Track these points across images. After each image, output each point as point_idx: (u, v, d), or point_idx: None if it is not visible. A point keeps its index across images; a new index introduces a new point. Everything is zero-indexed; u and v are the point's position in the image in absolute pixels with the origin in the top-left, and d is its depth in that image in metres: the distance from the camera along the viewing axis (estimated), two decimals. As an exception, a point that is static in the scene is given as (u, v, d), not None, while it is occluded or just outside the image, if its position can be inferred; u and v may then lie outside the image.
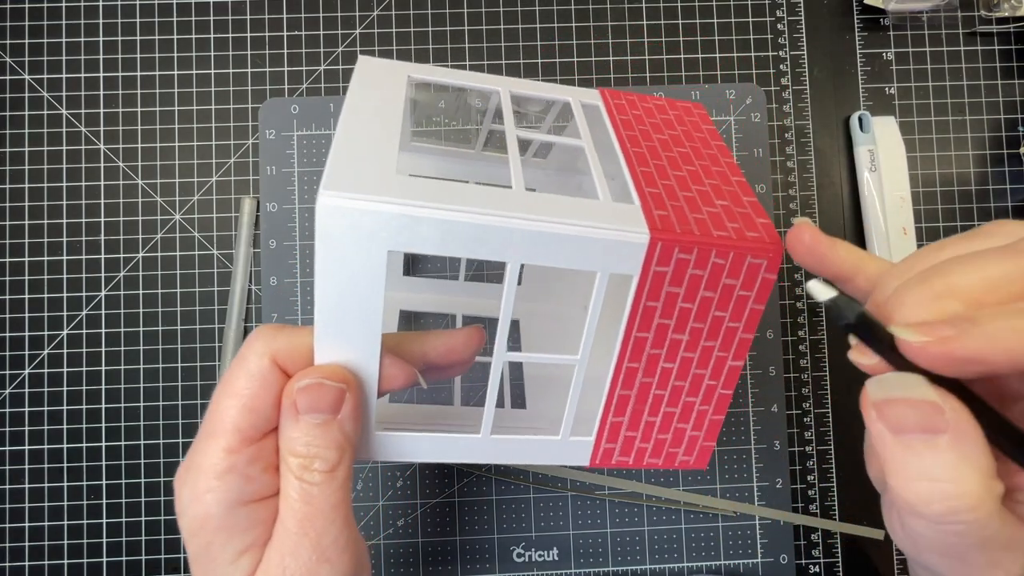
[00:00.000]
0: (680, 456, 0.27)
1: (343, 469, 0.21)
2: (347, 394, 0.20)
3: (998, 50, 0.47)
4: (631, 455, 0.26)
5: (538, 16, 0.46)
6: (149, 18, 0.45)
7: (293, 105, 0.44)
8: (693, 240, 0.22)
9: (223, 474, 0.20)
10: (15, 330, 0.43)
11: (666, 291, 0.23)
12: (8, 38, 0.45)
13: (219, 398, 0.21)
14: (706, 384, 0.25)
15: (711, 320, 0.24)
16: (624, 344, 0.24)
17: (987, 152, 0.46)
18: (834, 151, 0.46)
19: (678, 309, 0.23)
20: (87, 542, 0.42)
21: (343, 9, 0.46)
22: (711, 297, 0.23)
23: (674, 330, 0.24)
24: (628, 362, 0.24)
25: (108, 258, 0.44)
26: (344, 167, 0.20)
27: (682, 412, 0.26)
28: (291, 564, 0.20)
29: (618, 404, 0.25)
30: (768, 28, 0.46)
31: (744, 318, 0.24)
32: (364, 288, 0.20)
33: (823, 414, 0.44)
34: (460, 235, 0.20)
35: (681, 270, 0.22)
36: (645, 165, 0.25)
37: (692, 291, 0.23)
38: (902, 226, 0.45)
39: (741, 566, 0.43)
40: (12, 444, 0.42)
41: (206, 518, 0.20)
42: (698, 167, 0.26)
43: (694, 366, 0.25)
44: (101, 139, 0.44)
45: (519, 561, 0.42)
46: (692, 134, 0.29)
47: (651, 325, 0.23)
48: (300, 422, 0.20)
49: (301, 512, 0.20)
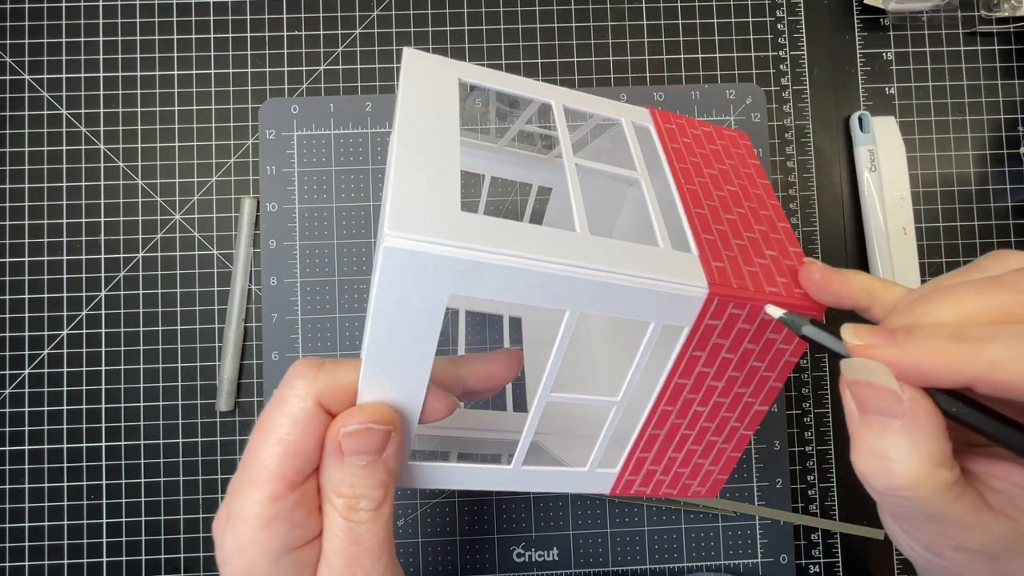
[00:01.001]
0: (694, 487, 0.28)
1: (387, 506, 0.20)
2: (392, 434, 0.20)
3: (998, 50, 0.47)
4: (650, 485, 0.27)
5: (538, 16, 0.46)
6: (149, 18, 0.45)
7: (293, 105, 0.44)
8: (748, 297, 0.22)
9: (268, 524, 0.19)
10: (15, 330, 0.43)
11: (713, 343, 0.23)
12: (8, 38, 0.45)
13: (259, 443, 0.20)
14: (731, 426, 0.26)
15: (748, 370, 0.24)
16: (664, 389, 0.24)
17: (987, 152, 0.46)
18: (834, 151, 0.46)
19: (720, 359, 0.24)
20: (87, 542, 0.42)
21: (343, 9, 0.46)
22: (752, 349, 0.24)
23: (713, 378, 0.24)
24: (664, 405, 0.25)
25: (108, 258, 0.44)
26: (408, 204, 0.19)
27: (704, 450, 0.27)
28: None
29: (647, 441, 0.26)
30: (768, 28, 0.46)
31: (778, 369, 0.25)
32: (419, 330, 0.20)
33: (823, 414, 0.44)
34: (522, 282, 0.20)
35: (731, 324, 0.23)
36: (700, 207, 0.25)
37: (737, 343, 0.23)
38: (902, 226, 0.45)
39: (741, 566, 0.43)
40: (12, 444, 0.42)
41: (252, 569, 0.19)
42: (747, 209, 0.26)
43: (724, 410, 0.26)
44: (101, 139, 0.44)
45: (519, 561, 0.42)
46: (739, 169, 0.29)
47: (692, 373, 0.24)
48: (345, 464, 0.20)
49: (348, 552, 0.20)
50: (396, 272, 0.19)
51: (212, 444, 0.43)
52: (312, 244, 0.44)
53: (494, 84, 0.27)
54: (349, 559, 0.20)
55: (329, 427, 0.20)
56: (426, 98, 0.24)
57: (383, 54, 0.45)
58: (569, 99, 0.28)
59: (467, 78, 0.26)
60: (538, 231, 0.20)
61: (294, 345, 0.43)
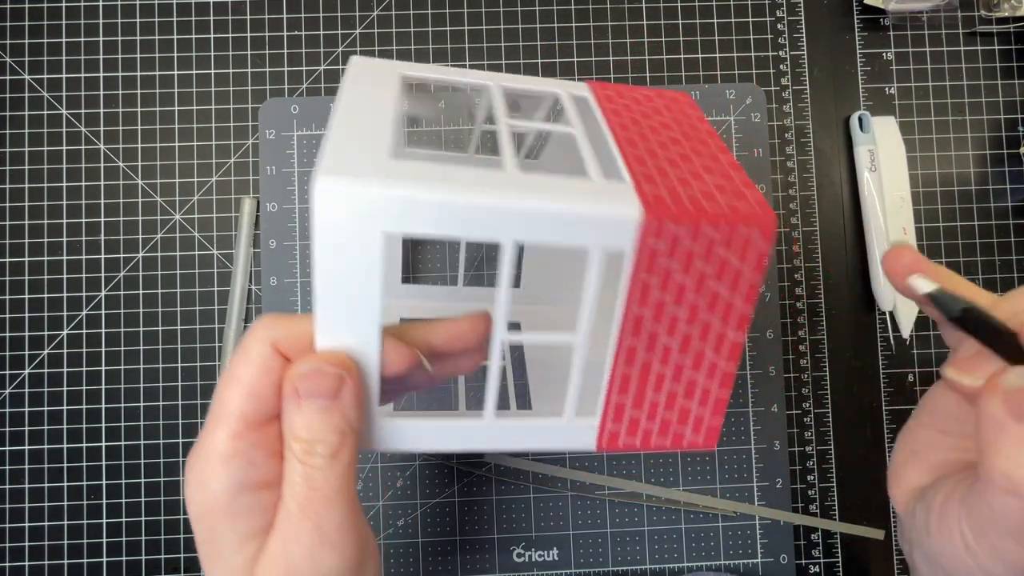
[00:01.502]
0: (688, 436, 0.26)
1: (345, 454, 0.21)
2: (347, 380, 0.21)
3: (998, 50, 0.47)
4: (637, 436, 0.26)
5: (538, 16, 0.46)
6: (149, 18, 0.45)
7: (293, 105, 0.44)
8: (684, 213, 0.22)
9: (228, 459, 0.20)
10: (15, 330, 0.43)
11: (662, 266, 0.23)
12: (8, 38, 0.45)
13: (223, 386, 0.21)
14: (708, 360, 0.25)
15: (709, 294, 0.24)
16: (623, 320, 0.24)
17: (987, 152, 0.46)
18: (834, 151, 0.46)
19: (675, 284, 0.23)
20: (87, 542, 0.42)
21: (343, 9, 0.46)
22: (707, 271, 0.23)
23: (673, 305, 0.24)
24: (629, 339, 0.24)
25: (108, 258, 0.44)
26: (340, 153, 0.20)
27: (686, 390, 0.25)
28: (294, 548, 0.20)
29: (621, 383, 0.25)
30: (768, 28, 0.46)
31: (741, 291, 0.24)
32: (362, 272, 0.21)
33: (823, 414, 0.44)
34: (454, 216, 0.20)
35: (675, 244, 0.23)
36: (635, 148, 0.25)
37: (687, 265, 0.23)
38: (902, 226, 0.45)
39: (741, 566, 0.43)
40: (12, 444, 0.42)
41: (212, 503, 0.20)
42: (688, 149, 0.26)
43: (695, 342, 0.25)
44: (101, 139, 0.44)
45: (519, 561, 0.42)
46: (681, 119, 0.29)
47: (649, 300, 0.24)
48: (302, 408, 0.20)
49: (303, 495, 0.20)
50: (330, 215, 0.20)
51: (212, 444, 0.43)
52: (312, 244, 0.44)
53: (433, 75, 0.28)
54: (304, 503, 0.20)
55: (286, 372, 0.21)
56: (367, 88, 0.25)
57: (383, 54, 0.45)
58: (507, 81, 0.28)
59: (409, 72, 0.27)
60: (469, 169, 0.21)
61: (294, 345, 0.43)
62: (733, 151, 0.45)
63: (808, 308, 0.45)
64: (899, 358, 0.45)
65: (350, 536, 0.21)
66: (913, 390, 0.45)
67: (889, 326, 0.45)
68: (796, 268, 0.45)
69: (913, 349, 0.45)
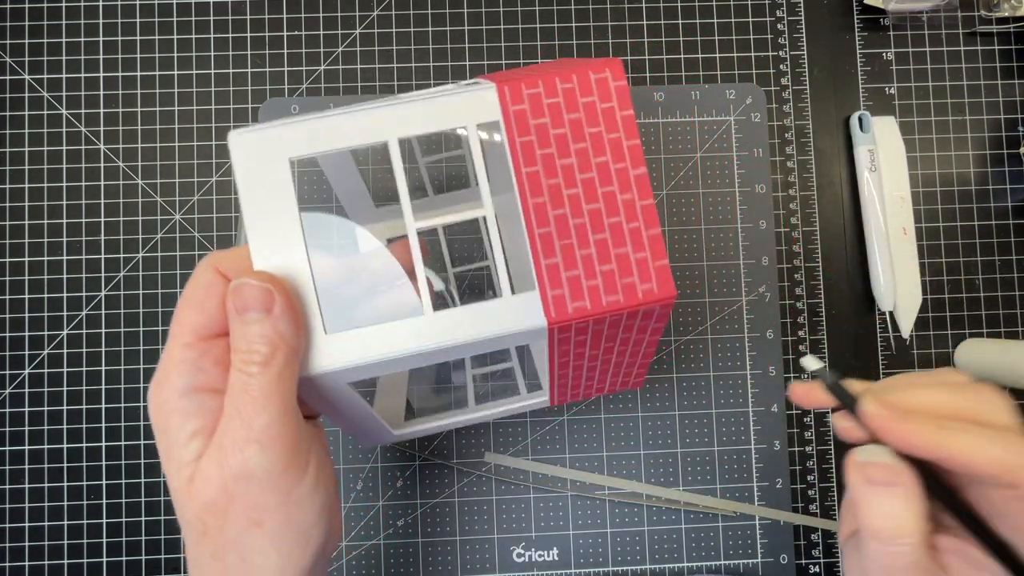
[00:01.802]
0: (639, 286, 0.25)
1: (277, 363, 0.23)
2: (275, 295, 0.23)
3: (998, 50, 0.47)
4: (585, 298, 0.25)
5: (538, 16, 0.46)
6: (149, 18, 0.45)
7: (293, 105, 0.44)
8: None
9: (178, 364, 0.23)
10: (15, 330, 0.43)
11: (533, 124, 0.25)
12: (8, 38, 0.45)
13: (178, 307, 0.24)
14: (621, 200, 0.26)
15: (590, 138, 0.25)
16: (519, 182, 0.25)
17: (987, 152, 0.46)
18: (834, 151, 0.46)
19: (553, 136, 0.25)
20: (87, 542, 0.42)
21: (343, 9, 0.46)
22: (577, 118, 0.25)
23: (559, 156, 0.25)
24: (532, 198, 0.25)
25: (108, 258, 0.44)
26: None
27: (613, 236, 0.25)
28: (226, 442, 0.22)
29: (544, 244, 0.25)
30: (768, 28, 0.46)
31: (620, 126, 0.26)
32: (279, 196, 0.24)
33: (823, 414, 0.44)
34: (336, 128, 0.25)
35: (537, 102, 0.25)
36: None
37: (556, 117, 0.25)
38: (902, 226, 0.45)
39: (741, 566, 0.43)
40: (12, 444, 0.42)
41: (164, 402, 0.23)
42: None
43: (599, 186, 0.25)
44: (101, 139, 0.44)
45: (519, 561, 0.42)
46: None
47: (535, 158, 0.25)
48: (238, 322, 0.23)
49: (237, 397, 0.23)
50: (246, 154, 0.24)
51: (212, 444, 0.43)
52: (312, 244, 0.44)
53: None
54: (238, 404, 0.23)
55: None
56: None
57: (383, 54, 0.45)
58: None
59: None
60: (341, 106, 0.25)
61: (294, 345, 0.43)
62: (733, 151, 0.45)
63: (808, 308, 0.45)
64: (899, 358, 0.45)
65: (278, 440, 0.23)
66: (913, 390, 0.45)
67: (889, 326, 0.45)
68: (796, 268, 0.45)
69: (913, 349, 0.45)
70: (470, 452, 0.43)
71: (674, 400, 0.44)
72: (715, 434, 0.44)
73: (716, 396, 0.44)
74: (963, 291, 0.45)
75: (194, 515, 0.23)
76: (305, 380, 0.24)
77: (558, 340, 0.27)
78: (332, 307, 0.25)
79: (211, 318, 0.24)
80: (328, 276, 0.25)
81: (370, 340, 0.24)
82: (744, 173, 0.45)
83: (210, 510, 0.23)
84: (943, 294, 0.45)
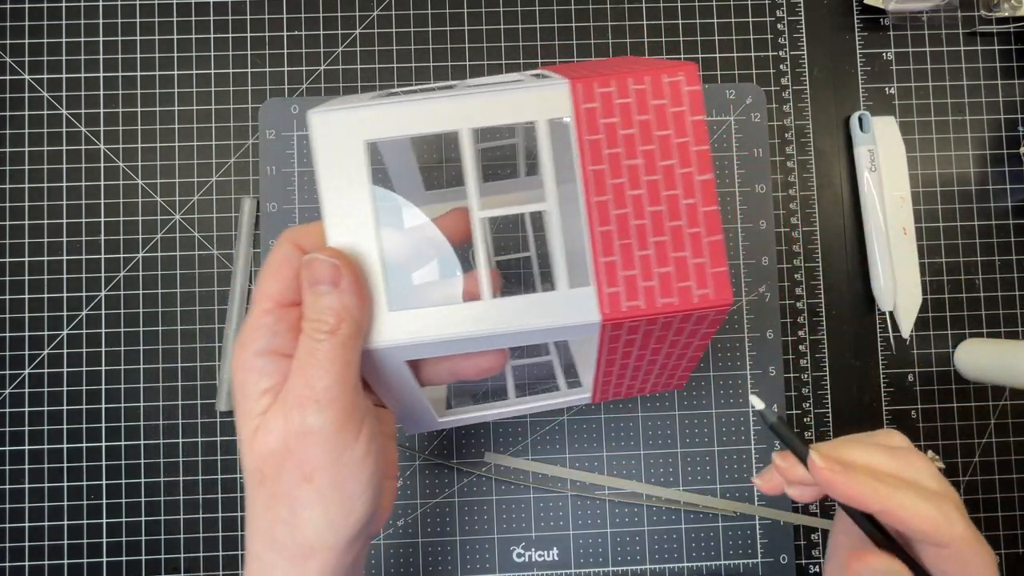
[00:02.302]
0: (695, 290, 0.26)
1: (342, 333, 0.24)
2: (341, 270, 0.24)
3: (998, 50, 0.47)
4: (640, 298, 0.26)
5: (538, 16, 0.46)
6: (149, 18, 0.45)
7: (293, 105, 0.44)
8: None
9: (258, 328, 0.25)
10: (15, 330, 0.43)
11: (602, 123, 0.25)
12: (8, 38, 0.45)
13: (259, 277, 0.26)
14: (684, 204, 0.26)
15: (658, 140, 0.25)
16: (584, 179, 0.25)
17: (987, 152, 0.46)
18: (834, 151, 0.46)
19: (621, 137, 0.26)
20: (87, 542, 0.42)
21: (343, 9, 0.46)
22: (647, 120, 0.25)
23: (627, 157, 0.25)
24: (595, 196, 0.25)
25: (108, 258, 0.44)
26: None
27: (673, 239, 0.26)
28: (290, 399, 0.24)
29: (603, 242, 0.25)
30: (768, 28, 0.46)
31: (689, 131, 0.26)
32: (354, 175, 0.25)
33: (823, 414, 0.44)
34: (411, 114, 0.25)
35: (608, 101, 0.25)
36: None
37: (626, 117, 0.25)
38: (902, 226, 0.45)
39: (741, 566, 0.43)
40: (12, 444, 0.42)
41: (243, 361, 0.25)
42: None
43: (663, 189, 0.26)
44: (101, 139, 0.44)
45: (519, 561, 0.42)
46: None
47: (601, 157, 0.25)
48: (310, 293, 0.25)
49: (304, 362, 0.24)
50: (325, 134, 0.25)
51: (212, 444, 0.43)
52: (312, 244, 0.44)
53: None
54: (303, 367, 0.24)
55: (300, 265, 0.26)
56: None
57: (383, 54, 0.45)
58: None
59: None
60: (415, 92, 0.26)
61: (294, 345, 0.43)
62: (733, 151, 0.45)
63: (808, 308, 0.45)
64: (899, 358, 0.45)
65: (336, 402, 0.24)
66: (913, 390, 0.45)
67: (889, 326, 0.45)
68: (796, 268, 0.45)
69: (913, 349, 0.45)
70: (470, 452, 0.43)
71: (674, 400, 0.44)
72: (715, 434, 0.44)
73: (716, 396, 0.44)
74: (963, 291, 0.45)
75: (254, 464, 0.25)
76: (366, 353, 0.26)
77: (609, 337, 0.27)
78: (397, 285, 0.26)
79: (287, 287, 0.26)
80: (395, 255, 0.27)
81: (431, 320, 0.26)
82: (744, 173, 0.45)
83: (269, 460, 0.25)
84: (943, 294, 0.45)
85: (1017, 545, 0.44)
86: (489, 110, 0.26)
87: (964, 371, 0.44)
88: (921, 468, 0.27)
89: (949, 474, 0.44)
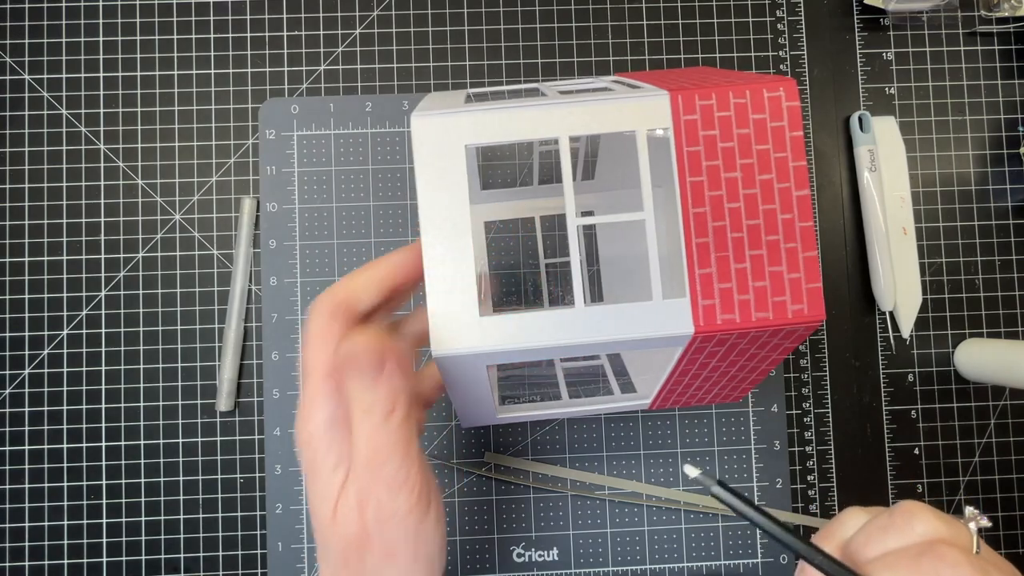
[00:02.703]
0: (791, 305, 0.26)
1: (398, 415, 0.25)
2: (386, 358, 0.24)
3: (998, 50, 0.47)
4: (735, 311, 0.26)
5: (538, 16, 0.46)
6: (149, 18, 0.45)
7: (293, 105, 0.44)
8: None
9: (319, 396, 0.25)
10: (15, 330, 0.43)
11: (702, 135, 0.25)
12: (8, 38, 0.45)
13: (304, 351, 0.26)
14: (781, 219, 0.26)
15: (757, 155, 0.26)
16: (682, 190, 0.25)
17: (987, 152, 0.46)
18: (834, 151, 0.46)
19: (720, 149, 0.26)
20: (87, 542, 0.42)
21: (343, 9, 0.46)
22: (746, 134, 0.25)
23: (725, 169, 0.26)
24: (694, 207, 0.25)
25: (108, 258, 0.44)
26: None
27: (770, 253, 0.26)
28: (362, 486, 0.25)
29: (700, 254, 0.26)
30: (768, 28, 0.46)
31: (788, 147, 0.26)
32: (452, 179, 0.25)
33: (823, 414, 0.44)
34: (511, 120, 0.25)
35: (708, 114, 0.25)
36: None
37: (726, 130, 0.26)
38: (902, 226, 0.45)
39: (741, 566, 0.43)
40: (12, 444, 0.42)
41: (311, 436, 0.25)
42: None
43: (760, 202, 0.26)
44: (101, 139, 0.44)
45: (519, 561, 0.42)
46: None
47: (700, 168, 0.25)
48: (355, 379, 0.25)
49: (364, 449, 0.25)
50: (423, 138, 0.25)
51: (212, 444, 0.43)
52: (312, 244, 0.44)
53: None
54: (367, 454, 0.25)
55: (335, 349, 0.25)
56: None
57: (383, 54, 0.45)
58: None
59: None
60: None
61: (294, 345, 0.43)
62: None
63: (808, 308, 0.45)
64: (899, 358, 0.45)
65: (406, 484, 0.25)
66: (913, 390, 0.45)
67: (889, 326, 0.45)
68: (796, 268, 0.45)
69: (913, 349, 0.45)
70: (470, 452, 0.43)
71: (674, 400, 0.44)
72: (715, 434, 0.44)
73: (716, 396, 0.44)
74: (963, 291, 0.45)
75: (337, 550, 0.25)
76: (451, 359, 0.25)
77: (695, 349, 0.27)
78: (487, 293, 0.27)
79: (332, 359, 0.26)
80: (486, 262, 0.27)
81: (520, 327, 0.25)
82: (744, 173, 0.45)
83: (352, 547, 0.25)
84: (943, 294, 0.45)
85: (1017, 545, 0.44)
86: (589, 119, 0.26)
87: (964, 371, 0.44)
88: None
89: (949, 474, 0.44)
